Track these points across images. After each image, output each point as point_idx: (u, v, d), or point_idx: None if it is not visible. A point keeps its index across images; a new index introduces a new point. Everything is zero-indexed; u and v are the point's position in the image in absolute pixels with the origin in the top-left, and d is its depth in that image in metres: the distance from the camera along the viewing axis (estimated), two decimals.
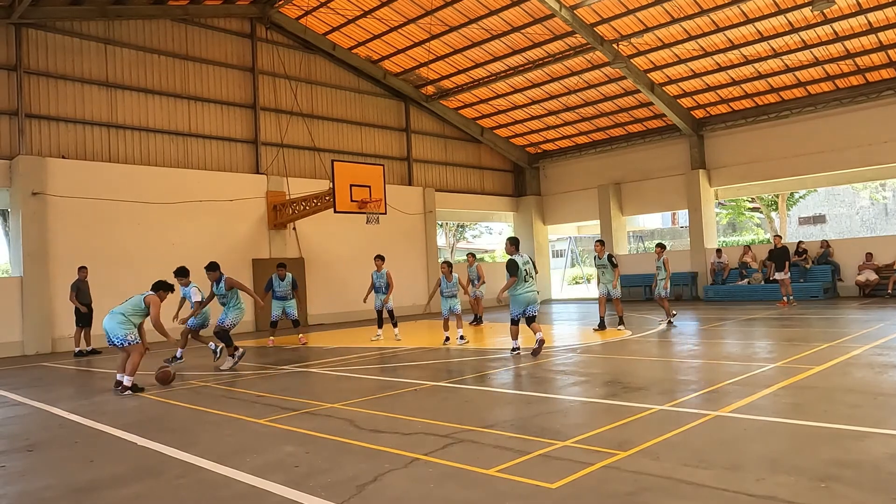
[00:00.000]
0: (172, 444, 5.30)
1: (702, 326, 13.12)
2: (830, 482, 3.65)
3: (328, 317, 19.22)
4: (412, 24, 18.99)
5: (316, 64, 20.61)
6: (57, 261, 14.64)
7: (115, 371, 10.57)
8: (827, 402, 5.68)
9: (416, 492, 3.87)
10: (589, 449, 4.51)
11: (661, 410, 5.62)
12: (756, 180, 21.00)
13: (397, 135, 22.78)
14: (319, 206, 16.61)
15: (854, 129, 18.60)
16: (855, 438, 4.53)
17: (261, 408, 6.68)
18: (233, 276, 11.69)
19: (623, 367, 8.27)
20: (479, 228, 45.37)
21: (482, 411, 6.03)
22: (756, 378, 6.84)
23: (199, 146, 17.84)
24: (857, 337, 9.65)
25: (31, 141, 15.09)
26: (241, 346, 10.37)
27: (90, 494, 4.18)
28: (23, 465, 4.98)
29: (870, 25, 16.13)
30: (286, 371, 9.47)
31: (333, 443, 5.07)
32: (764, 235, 35.28)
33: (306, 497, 3.85)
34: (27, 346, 14.13)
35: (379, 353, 11.04)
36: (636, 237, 45.25)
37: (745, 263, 20.46)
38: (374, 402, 6.68)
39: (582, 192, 24.93)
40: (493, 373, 8.29)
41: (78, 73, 15.88)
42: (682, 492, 3.63)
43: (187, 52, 17.79)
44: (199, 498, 4.04)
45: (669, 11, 16.85)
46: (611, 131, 23.65)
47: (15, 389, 8.88)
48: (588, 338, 11.81)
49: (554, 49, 19.32)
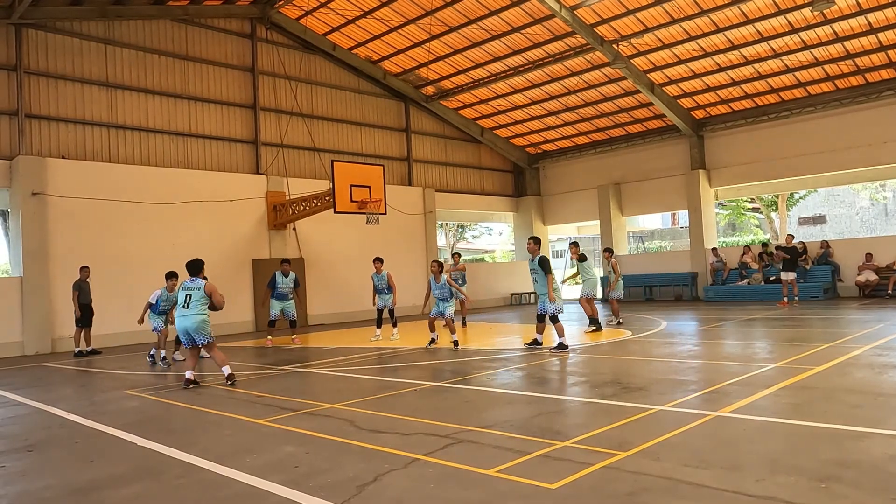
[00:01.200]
0: (172, 444, 5.30)
1: (702, 327, 13.12)
2: (830, 482, 3.65)
3: (328, 317, 19.21)
4: (412, 25, 18.99)
5: (316, 64, 20.62)
6: (57, 261, 14.64)
7: (112, 370, 10.59)
8: (827, 402, 5.68)
9: (416, 492, 3.87)
10: (589, 449, 4.51)
11: (661, 411, 5.62)
12: (756, 181, 21.00)
13: (397, 135, 22.78)
14: (319, 207, 16.61)
15: (854, 129, 18.61)
16: (855, 439, 4.53)
17: (261, 408, 6.68)
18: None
19: (623, 368, 8.27)
20: (479, 229, 45.39)
21: (482, 411, 6.03)
22: (756, 378, 6.84)
23: (199, 146, 17.84)
24: (857, 337, 9.65)
25: (31, 141, 15.09)
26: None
27: (90, 494, 4.18)
28: (23, 465, 4.98)
29: (870, 26, 16.13)
30: (286, 371, 9.47)
31: (333, 443, 5.07)
32: (763, 236, 35.28)
33: (306, 497, 3.85)
34: (27, 346, 14.13)
35: (379, 354, 11.04)
36: (636, 237, 45.25)
37: (744, 264, 20.46)
38: (374, 402, 6.68)
39: (582, 193, 24.93)
40: (493, 373, 8.28)
41: (78, 74, 15.88)
42: (682, 492, 3.63)
43: (187, 52, 17.79)
44: (199, 498, 4.04)
45: (669, 12, 16.85)
46: (611, 132, 23.65)
47: (15, 389, 8.88)
48: (588, 338, 11.81)
49: (554, 49, 19.32)
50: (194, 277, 8.56)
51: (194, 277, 8.56)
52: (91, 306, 13.45)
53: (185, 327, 8.29)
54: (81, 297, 13.25)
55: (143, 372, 10.29)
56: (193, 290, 8.40)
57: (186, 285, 8.52)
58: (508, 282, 25.47)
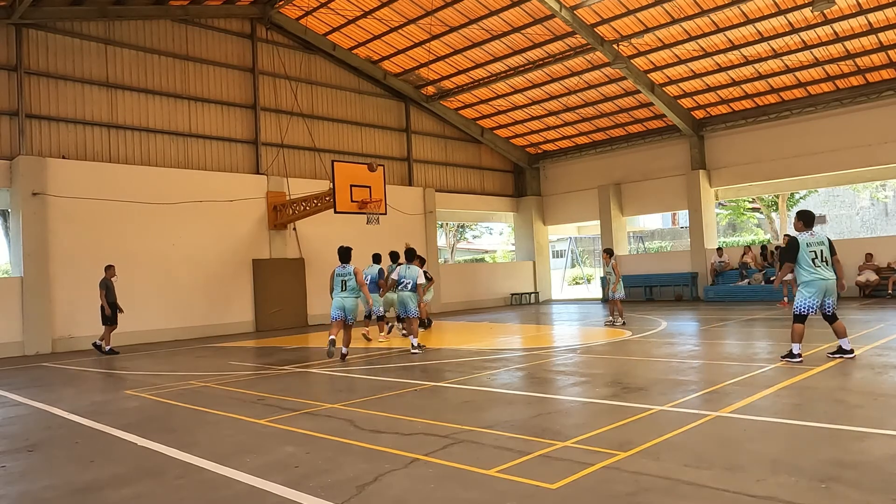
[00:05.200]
0: (172, 444, 5.30)
1: (702, 327, 13.12)
2: (831, 483, 3.65)
3: (328, 317, 19.12)
4: (412, 25, 18.99)
5: (316, 64, 20.62)
6: (57, 261, 14.64)
7: (112, 371, 10.59)
8: (827, 402, 5.68)
9: (416, 492, 3.87)
10: (589, 449, 4.51)
11: (662, 411, 5.62)
12: (756, 181, 21.00)
13: (397, 135, 22.78)
14: (320, 207, 16.61)
15: (854, 129, 18.60)
16: (855, 439, 4.53)
17: (261, 408, 6.68)
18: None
19: (623, 368, 8.27)
20: (479, 229, 45.39)
21: (482, 411, 6.03)
22: (756, 378, 6.84)
23: (200, 146, 17.84)
24: (858, 337, 9.65)
25: (32, 141, 15.09)
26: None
27: (90, 494, 4.18)
28: (23, 465, 4.98)
29: (870, 26, 16.13)
30: (286, 371, 9.47)
31: (333, 443, 5.07)
32: (764, 236, 35.28)
33: (306, 497, 3.85)
34: (27, 346, 14.13)
35: (379, 354, 11.05)
36: (637, 237, 45.24)
37: (745, 264, 20.46)
38: (374, 402, 6.68)
39: (582, 193, 24.93)
40: (494, 373, 8.28)
41: (78, 74, 15.88)
42: (682, 492, 3.63)
43: (187, 52, 17.79)
44: (199, 498, 4.04)
45: (670, 12, 16.85)
46: (611, 132, 23.65)
47: (15, 389, 8.88)
48: (588, 338, 11.80)
49: (554, 49, 19.32)
50: (345, 264, 10.15)
51: (345, 264, 10.15)
52: (117, 304, 13.33)
53: (343, 306, 9.99)
54: (108, 296, 13.16)
55: (144, 372, 10.29)
56: (348, 277, 10.01)
57: (339, 272, 10.12)
58: (508, 282, 25.47)
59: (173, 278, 16.37)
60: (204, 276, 16.99)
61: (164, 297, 16.14)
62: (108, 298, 13.05)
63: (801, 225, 7.83)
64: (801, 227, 7.83)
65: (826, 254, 7.66)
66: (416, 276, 11.04)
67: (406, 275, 11.06)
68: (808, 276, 7.62)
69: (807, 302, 7.66)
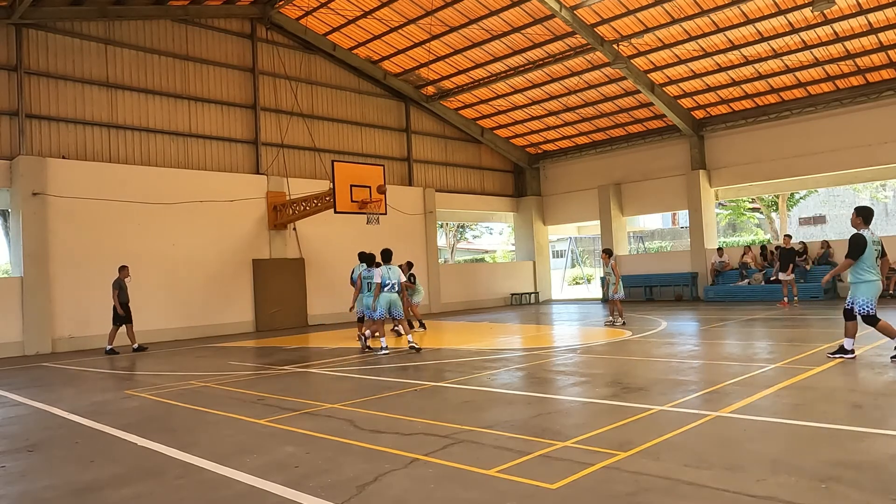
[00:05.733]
0: (172, 444, 5.30)
1: (702, 327, 13.12)
2: (831, 483, 3.65)
3: (328, 317, 19.20)
4: (412, 25, 18.99)
5: (316, 64, 20.62)
6: (57, 261, 14.64)
7: (112, 370, 10.59)
8: (827, 402, 5.68)
9: (416, 492, 3.87)
10: (589, 449, 4.51)
11: (662, 411, 5.62)
12: (756, 181, 20.99)
13: (397, 135, 22.78)
14: (320, 207, 16.61)
15: (854, 129, 18.60)
16: (855, 439, 4.53)
17: (261, 408, 6.68)
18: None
19: (623, 368, 8.27)
20: (479, 229, 45.39)
21: (482, 411, 6.03)
22: (756, 378, 6.84)
23: (199, 146, 17.84)
24: (858, 338, 9.60)
25: (32, 141, 15.09)
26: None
27: (90, 494, 4.18)
28: (23, 465, 4.98)
29: (870, 26, 16.12)
30: (286, 371, 9.47)
31: (333, 443, 5.07)
32: (764, 236, 35.27)
33: (306, 497, 3.85)
34: (27, 346, 14.13)
35: (378, 354, 11.03)
36: (637, 237, 45.23)
37: (745, 264, 20.46)
38: (374, 402, 6.68)
39: (582, 193, 24.92)
40: (494, 373, 8.28)
41: (78, 74, 15.88)
42: (682, 492, 3.63)
43: (187, 52, 17.79)
44: (199, 498, 4.04)
45: (670, 12, 16.85)
46: (611, 132, 23.64)
47: (15, 389, 8.88)
48: (588, 338, 11.81)
49: (554, 49, 19.32)
50: (390, 265, 11.00)
51: (390, 265, 11.00)
52: (128, 306, 13.36)
53: (389, 302, 10.75)
54: (121, 296, 13.22)
55: (144, 372, 10.30)
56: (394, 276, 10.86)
57: (385, 272, 10.85)
58: (508, 282, 25.47)
59: (173, 278, 16.37)
60: (204, 276, 16.99)
61: (164, 297, 16.14)
62: (120, 298, 13.15)
63: (861, 222, 7.50)
64: (861, 224, 7.49)
65: (879, 254, 7.53)
66: (399, 276, 11.19)
67: (389, 276, 11.10)
68: (870, 276, 7.44)
69: (871, 302, 7.47)
